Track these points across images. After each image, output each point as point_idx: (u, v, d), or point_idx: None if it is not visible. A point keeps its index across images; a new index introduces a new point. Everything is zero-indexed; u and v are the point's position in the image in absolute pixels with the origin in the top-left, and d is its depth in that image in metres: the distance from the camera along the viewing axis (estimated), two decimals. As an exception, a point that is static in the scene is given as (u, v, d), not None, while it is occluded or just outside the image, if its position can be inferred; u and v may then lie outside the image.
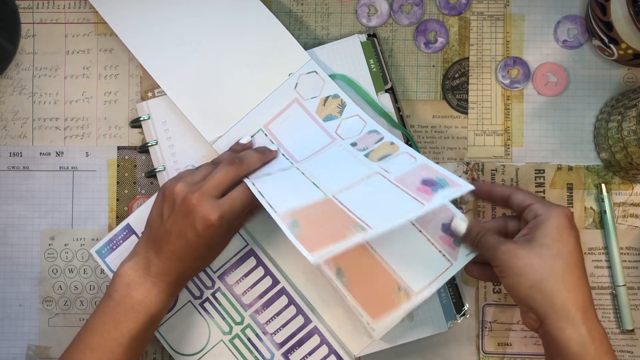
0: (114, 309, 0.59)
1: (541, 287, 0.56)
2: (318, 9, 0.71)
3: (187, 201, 0.57)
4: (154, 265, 0.59)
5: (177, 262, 0.59)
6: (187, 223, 0.58)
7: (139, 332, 0.58)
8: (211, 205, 0.57)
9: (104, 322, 0.58)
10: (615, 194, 0.70)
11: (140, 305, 0.58)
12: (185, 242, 0.58)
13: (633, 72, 0.70)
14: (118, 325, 0.58)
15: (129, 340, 0.58)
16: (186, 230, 0.58)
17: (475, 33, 0.71)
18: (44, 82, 0.72)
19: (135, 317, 0.58)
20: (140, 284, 0.59)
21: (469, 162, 0.70)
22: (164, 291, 0.59)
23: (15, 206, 0.71)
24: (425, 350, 0.70)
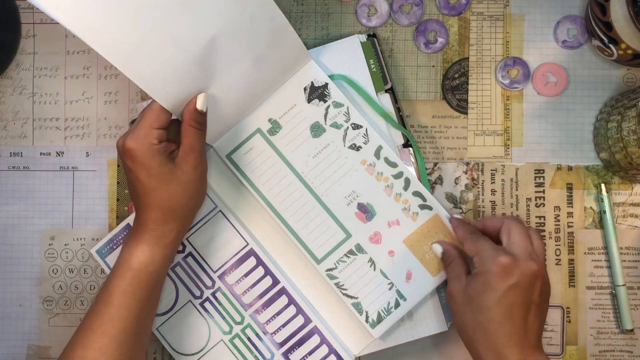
0: (107, 277, 0.61)
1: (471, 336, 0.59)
2: (318, 9, 0.71)
3: (117, 145, 0.60)
4: (134, 224, 0.62)
5: (142, 210, 0.60)
6: (124, 167, 0.60)
7: (125, 288, 0.59)
8: (127, 136, 0.59)
9: (100, 290, 0.61)
10: (615, 194, 0.70)
11: (122, 261, 0.60)
12: (133, 186, 0.60)
13: (633, 72, 0.70)
14: (107, 286, 0.60)
15: (118, 296, 0.59)
16: (127, 174, 0.60)
17: (475, 33, 0.71)
18: (44, 82, 0.72)
19: (119, 274, 0.59)
20: (125, 244, 0.61)
21: (469, 162, 0.70)
22: (143, 242, 0.60)
23: (15, 206, 0.72)
24: (425, 350, 0.70)
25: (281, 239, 0.67)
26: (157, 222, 0.60)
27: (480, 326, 0.58)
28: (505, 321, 0.58)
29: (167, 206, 0.60)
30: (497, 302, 0.58)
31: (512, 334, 0.57)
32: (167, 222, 0.61)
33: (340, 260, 0.66)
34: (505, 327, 0.57)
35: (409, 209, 0.66)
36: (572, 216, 0.70)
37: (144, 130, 0.58)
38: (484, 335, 0.58)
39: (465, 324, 0.60)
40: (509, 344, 0.57)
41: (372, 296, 0.66)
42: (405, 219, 0.66)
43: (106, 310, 0.58)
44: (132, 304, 0.59)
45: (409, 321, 0.67)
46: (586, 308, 0.70)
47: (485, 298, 0.58)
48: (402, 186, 0.66)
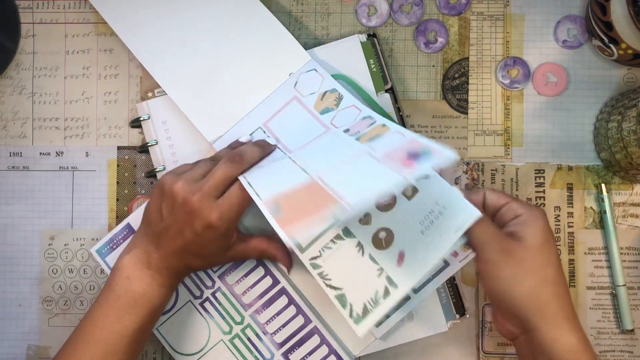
0: (115, 302, 0.59)
1: (535, 296, 0.54)
2: (318, 9, 0.71)
3: (188, 201, 0.57)
4: (154, 260, 0.60)
5: (176, 259, 0.60)
6: (187, 223, 0.58)
7: (141, 325, 0.59)
8: (211, 207, 0.57)
9: (106, 316, 0.59)
10: (615, 194, 0.70)
11: (142, 299, 0.59)
12: (184, 241, 0.58)
13: (633, 72, 0.70)
14: (121, 319, 0.58)
15: (132, 333, 0.59)
16: (185, 229, 0.58)
17: (475, 33, 0.71)
18: (44, 82, 0.72)
19: (137, 310, 0.59)
20: (140, 277, 0.59)
21: (469, 162, 0.70)
22: (164, 285, 0.60)
23: (15, 206, 0.71)
24: (425, 350, 0.70)
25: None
26: (184, 273, 0.62)
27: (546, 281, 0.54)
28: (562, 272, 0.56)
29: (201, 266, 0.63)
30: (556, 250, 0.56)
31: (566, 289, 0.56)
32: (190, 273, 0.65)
33: (325, 247, 0.61)
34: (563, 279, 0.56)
35: None
36: (572, 216, 0.70)
37: (235, 212, 0.58)
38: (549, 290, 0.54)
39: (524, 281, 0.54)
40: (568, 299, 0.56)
41: (358, 286, 0.59)
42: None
43: (120, 343, 0.58)
44: (143, 339, 0.61)
45: (409, 321, 0.67)
46: (586, 308, 0.70)
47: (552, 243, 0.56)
48: None
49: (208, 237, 0.58)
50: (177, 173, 0.60)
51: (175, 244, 0.59)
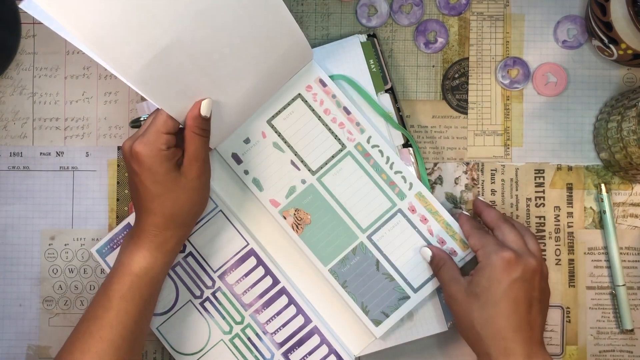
0: (105, 279, 0.61)
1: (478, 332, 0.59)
2: (318, 9, 0.71)
3: (123, 148, 0.60)
4: (134, 228, 0.61)
5: (144, 215, 0.60)
6: (130, 170, 0.59)
7: (124, 293, 0.59)
8: (135, 140, 0.58)
9: (97, 293, 0.60)
10: (615, 194, 0.70)
11: (122, 266, 0.60)
12: (137, 190, 0.59)
13: (633, 72, 0.70)
14: (106, 291, 0.59)
15: (117, 301, 0.59)
16: (132, 179, 0.60)
17: (475, 33, 0.71)
18: (44, 82, 0.72)
19: (118, 278, 0.59)
20: (125, 248, 0.61)
21: (468, 162, 0.70)
22: (143, 248, 0.60)
23: (15, 206, 0.71)
24: (425, 350, 0.70)
25: (281, 238, 0.67)
26: (159, 228, 0.60)
27: (488, 322, 0.58)
28: (512, 315, 0.58)
29: (170, 213, 0.60)
30: (503, 295, 0.58)
31: (518, 328, 0.58)
32: (169, 228, 0.60)
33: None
34: (512, 321, 0.58)
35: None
36: (572, 216, 0.70)
37: (153, 135, 0.58)
38: (492, 330, 0.58)
39: (472, 322, 0.59)
40: (515, 338, 0.57)
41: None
42: None
43: (105, 315, 0.58)
44: (130, 309, 0.59)
45: (409, 321, 0.67)
46: (586, 308, 0.70)
47: (492, 292, 0.58)
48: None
49: (146, 170, 0.58)
50: None
51: (135, 200, 0.61)
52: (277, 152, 0.67)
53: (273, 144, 0.67)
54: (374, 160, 0.66)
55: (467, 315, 0.60)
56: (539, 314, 0.59)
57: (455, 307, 0.61)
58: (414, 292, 0.66)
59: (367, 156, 0.66)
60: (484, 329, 0.59)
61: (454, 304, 0.61)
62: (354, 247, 0.66)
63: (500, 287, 0.58)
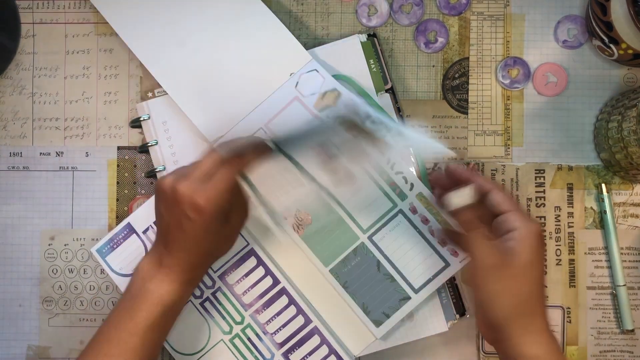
0: (129, 302, 0.60)
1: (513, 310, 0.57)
2: (318, 9, 0.71)
3: (177, 191, 0.58)
4: (165, 258, 0.60)
5: (182, 252, 0.60)
6: (180, 212, 0.58)
7: (153, 322, 0.59)
8: (196, 189, 0.57)
9: (121, 316, 0.60)
10: (616, 194, 0.70)
11: (152, 295, 0.59)
12: (183, 231, 0.59)
13: (633, 72, 0.70)
14: (133, 317, 0.59)
15: (144, 330, 0.59)
16: (180, 219, 0.58)
17: (475, 33, 0.71)
18: (44, 82, 0.72)
19: (148, 307, 0.59)
20: (153, 276, 0.60)
21: (469, 162, 0.70)
22: (175, 281, 0.60)
23: (15, 206, 0.71)
24: (425, 350, 0.69)
25: (282, 238, 0.67)
26: (194, 266, 0.61)
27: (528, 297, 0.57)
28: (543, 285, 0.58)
29: (208, 254, 0.62)
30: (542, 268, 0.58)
31: (543, 302, 0.58)
32: (202, 266, 0.63)
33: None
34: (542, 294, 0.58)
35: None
36: (572, 216, 0.70)
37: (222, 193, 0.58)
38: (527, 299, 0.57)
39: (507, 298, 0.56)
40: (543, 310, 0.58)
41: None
42: None
43: (130, 340, 0.59)
44: (155, 338, 0.60)
45: (408, 321, 0.67)
46: (587, 308, 0.70)
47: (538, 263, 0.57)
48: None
49: (202, 222, 0.58)
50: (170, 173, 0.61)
51: (176, 237, 0.59)
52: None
53: None
54: (375, 160, 0.66)
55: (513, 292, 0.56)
56: None
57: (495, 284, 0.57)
58: (415, 292, 0.66)
59: None
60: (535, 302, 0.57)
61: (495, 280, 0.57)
62: (354, 247, 0.66)
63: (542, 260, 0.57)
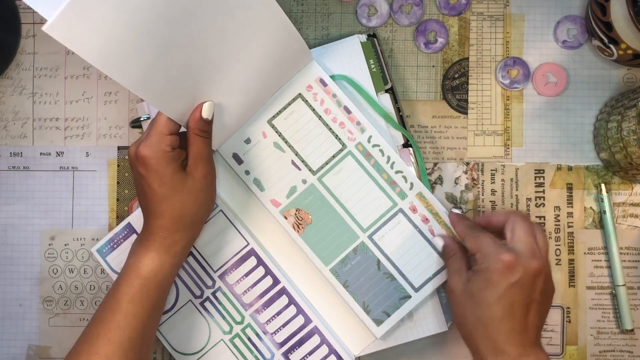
0: (114, 282, 0.61)
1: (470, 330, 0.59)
2: (318, 9, 0.71)
3: (129, 152, 0.60)
4: (143, 231, 0.61)
5: (152, 218, 0.60)
6: (136, 174, 0.59)
7: (133, 296, 0.59)
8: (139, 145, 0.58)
9: (106, 296, 0.60)
10: (615, 194, 0.70)
11: (130, 269, 0.60)
12: (144, 194, 0.60)
13: (633, 72, 0.70)
14: (114, 293, 0.59)
15: (125, 304, 0.59)
16: (139, 182, 0.60)
17: (475, 33, 0.71)
18: (44, 82, 0.72)
19: (127, 281, 0.59)
20: (134, 251, 0.61)
21: (468, 162, 0.70)
22: (152, 250, 0.60)
23: (15, 206, 0.71)
24: (425, 350, 0.70)
25: (282, 238, 0.67)
26: (168, 230, 0.60)
27: (480, 322, 0.58)
28: (505, 318, 0.57)
29: (178, 214, 0.60)
30: (498, 299, 0.57)
31: (512, 330, 0.57)
32: (177, 230, 0.60)
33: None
34: (505, 324, 0.57)
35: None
36: (572, 216, 0.70)
37: (156, 137, 0.58)
38: (484, 331, 0.58)
39: (465, 319, 0.59)
40: (508, 340, 0.57)
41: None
42: None
43: (113, 318, 0.58)
44: (139, 311, 0.59)
45: (409, 321, 0.67)
46: (586, 308, 0.70)
47: (487, 294, 0.58)
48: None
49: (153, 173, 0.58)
50: None
51: (142, 203, 0.61)
52: (277, 152, 0.67)
53: (274, 144, 0.67)
54: (375, 160, 0.67)
55: (461, 311, 0.60)
56: (537, 315, 0.58)
57: (452, 299, 0.62)
58: (415, 291, 0.66)
59: (368, 156, 0.66)
60: (476, 329, 0.58)
61: (451, 297, 0.62)
62: (354, 246, 0.66)
63: (495, 291, 0.57)
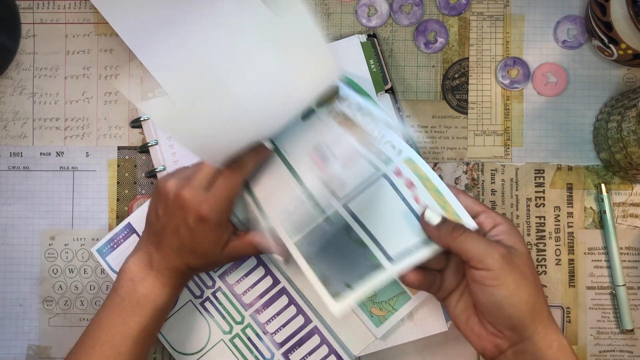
0: (120, 304, 0.60)
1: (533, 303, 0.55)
2: (318, 9, 0.71)
3: (179, 196, 0.58)
4: (155, 260, 0.60)
5: (176, 257, 0.60)
6: (180, 217, 0.58)
7: (145, 326, 0.59)
8: (201, 198, 0.58)
9: (112, 318, 0.59)
10: (615, 194, 0.70)
11: (145, 299, 0.59)
12: (179, 237, 0.59)
13: (633, 72, 0.70)
14: (125, 320, 0.59)
15: (137, 333, 0.59)
16: (179, 225, 0.58)
17: (475, 33, 0.71)
18: (44, 82, 0.72)
19: (141, 311, 0.59)
20: (143, 278, 0.60)
21: (468, 162, 0.70)
22: (167, 285, 0.60)
23: (15, 206, 0.71)
24: (425, 350, 0.70)
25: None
26: (185, 275, 0.62)
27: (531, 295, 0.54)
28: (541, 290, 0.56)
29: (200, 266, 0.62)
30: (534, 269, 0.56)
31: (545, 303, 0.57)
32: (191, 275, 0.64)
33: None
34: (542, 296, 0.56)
35: None
36: (572, 216, 0.70)
37: (225, 201, 0.58)
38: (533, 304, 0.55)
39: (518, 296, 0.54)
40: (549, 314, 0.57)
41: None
42: None
43: (123, 344, 0.59)
44: (148, 340, 0.61)
45: (409, 321, 0.67)
46: (586, 308, 0.70)
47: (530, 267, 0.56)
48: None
49: (201, 231, 0.58)
50: (172, 174, 0.61)
51: (172, 241, 0.59)
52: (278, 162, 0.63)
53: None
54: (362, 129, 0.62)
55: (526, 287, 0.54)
56: None
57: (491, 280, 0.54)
58: (390, 261, 0.58)
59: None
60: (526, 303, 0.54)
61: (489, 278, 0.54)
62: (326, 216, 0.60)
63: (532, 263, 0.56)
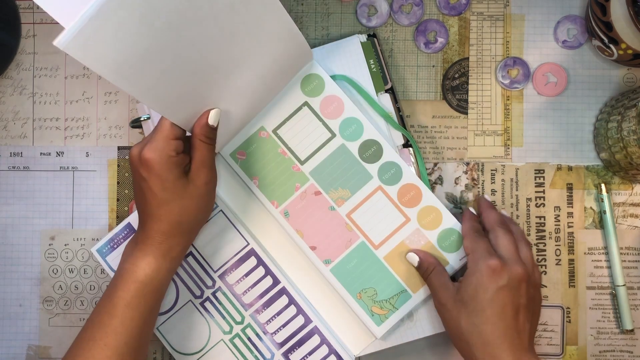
0: (109, 285, 0.60)
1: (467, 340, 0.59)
2: (318, 9, 0.71)
3: (131, 154, 0.59)
4: (139, 234, 0.61)
5: (150, 222, 0.60)
6: (137, 176, 0.59)
7: (129, 301, 0.59)
8: (144, 145, 0.58)
9: (102, 299, 0.60)
10: (615, 194, 0.70)
11: (127, 273, 0.59)
12: (144, 197, 0.59)
13: (633, 72, 0.70)
14: (111, 297, 0.59)
15: (122, 309, 0.58)
16: (140, 184, 0.59)
17: (475, 33, 0.71)
18: (44, 82, 0.72)
19: (123, 285, 0.59)
20: (129, 254, 0.61)
21: (468, 162, 0.70)
22: (149, 254, 0.60)
23: (15, 206, 0.71)
24: (425, 350, 0.70)
25: (282, 238, 0.67)
26: (165, 235, 0.60)
27: (476, 327, 0.59)
28: (498, 322, 0.58)
29: (176, 220, 0.60)
30: (490, 302, 0.59)
31: (505, 334, 0.58)
32: (175, 235, 0.61)
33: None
34: (499, 328, 0.58)
35: None
36: (572, 216, 0.70)
37: (162, 141, 0.58)
38: (480, 338, 0.58)
39: (460, 328, 0.60)
40: (502, 345, 0.58)
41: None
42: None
43: (109, 322, 0.58)
44: (135, 316, 0.59)
45: (409, 321, 0.67)
46: (586, 308, 0.70)
47: (479, 299, 0.59)
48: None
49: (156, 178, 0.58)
50: None
51: (141, 206, 0.60)
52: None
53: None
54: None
55: (455, 322, 0.60)
56: (526, 321, 0.60)
57: (444, 314, 0.62)
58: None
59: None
60: (472, 336, 0.59)
61: (443, 311, 0.62)
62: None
63: (486, 295, 0.59)
